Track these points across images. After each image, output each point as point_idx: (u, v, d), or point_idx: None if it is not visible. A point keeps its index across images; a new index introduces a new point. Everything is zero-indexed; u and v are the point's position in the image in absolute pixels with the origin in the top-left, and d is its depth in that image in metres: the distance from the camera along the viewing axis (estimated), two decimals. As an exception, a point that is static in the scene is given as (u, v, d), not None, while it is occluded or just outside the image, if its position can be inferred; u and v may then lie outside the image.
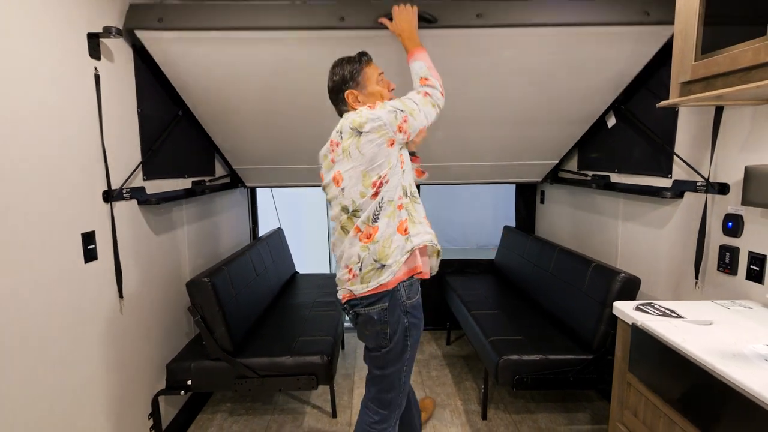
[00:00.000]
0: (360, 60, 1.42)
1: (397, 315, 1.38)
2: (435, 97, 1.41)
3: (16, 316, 1.18)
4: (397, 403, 1.49)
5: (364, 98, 1.41)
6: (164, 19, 1.61)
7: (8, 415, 1.14)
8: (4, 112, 1.14)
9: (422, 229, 1.40)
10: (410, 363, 1.48)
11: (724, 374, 1.01)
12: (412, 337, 1.44)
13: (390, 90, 1.47)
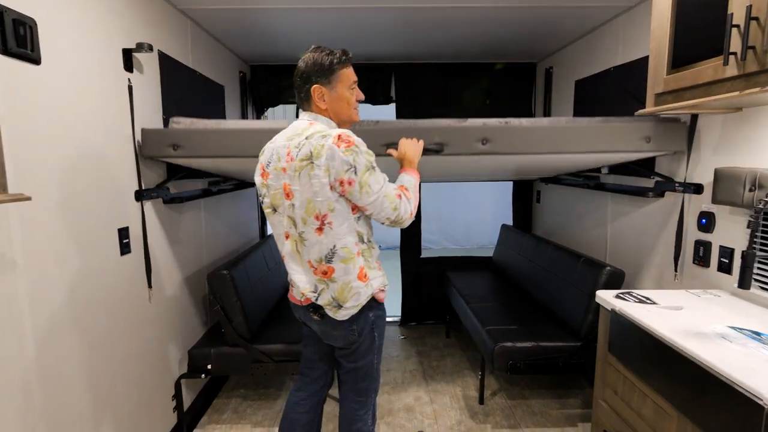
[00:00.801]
0: (341, 58, 1.32)
1: (363, 313, 1.37)
2: (403, 205, 1.32)
3: (68, 300, 1.34)
4: (374, 388, 1.52)
5: (330, 99, 1.32)
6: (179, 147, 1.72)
7: (62, 386, 1.30)
8: (57, 121, 1.30)
9: (377, 273, 1.39)
10: (380, 351, 1.51)
11: (684, 349, 1.16)
12: (379, 329, 1.45)
13: (357, 101, 1.39)
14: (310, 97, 1.32)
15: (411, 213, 1.36)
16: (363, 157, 1.24)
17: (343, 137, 1.23)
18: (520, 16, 2.32)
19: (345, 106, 1.35)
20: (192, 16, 2.22)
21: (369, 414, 1.53)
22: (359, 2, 2.10)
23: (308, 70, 1.30)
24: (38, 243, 1.22)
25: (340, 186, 1.23)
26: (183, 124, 1.74)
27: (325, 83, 1.31)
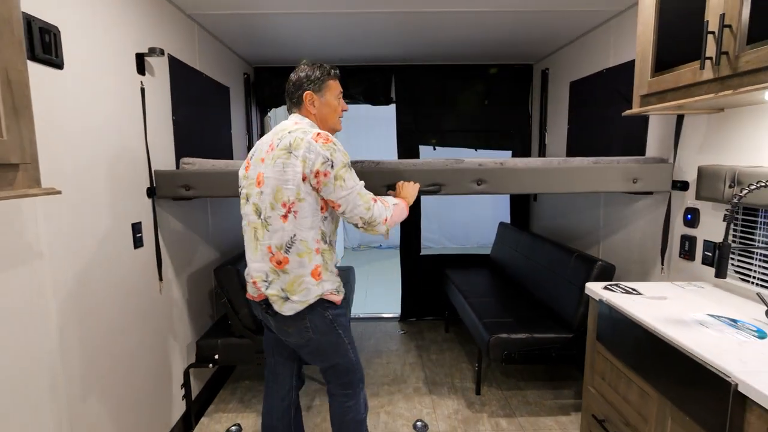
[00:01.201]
0: (329, 72, 1.47)
1: (317, 312, 1.39)
2: (377, 208, 1.38)
3: (87, 289, 1.43)
4: (357, 378, 1.56)
5: (320, 104, 1.45)
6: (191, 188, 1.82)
7: (80, 369, 1.39)
8: (78, 121, 1.39)
9: (332, 276, 1.42)
10: (353, 344, 1.53)
11: (664, 334, 1.25)
12: (342, 326, 1.46)
13: (342, 110, 1.53)
14: (302, 102, 1.44)
15: (386, 219, 1.41)
16: (340, 154, 1.32)
17: (322, 135, 1.33)
18: (516, 20, 2.40)
19: (332, 113, 1.49)
20: (199, 20, 2.31)
21: (359, 403, 1.58)
22: (359, 7, 2.19)
23: (302, 79, 1.44)
24: (61, 235, 1.31)
25: (315, 177, 1.29)
26: (194, 165, 1.85)
27: (316, 90, 1.44)
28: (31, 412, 1.19)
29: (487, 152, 3.53)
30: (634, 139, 2.16)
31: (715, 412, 1.04)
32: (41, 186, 0.95)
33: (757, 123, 1.50)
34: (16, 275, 1.14)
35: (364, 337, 3.28)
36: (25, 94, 0.90)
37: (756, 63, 1.10)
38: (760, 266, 1.52)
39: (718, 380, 1.03)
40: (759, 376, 0.98)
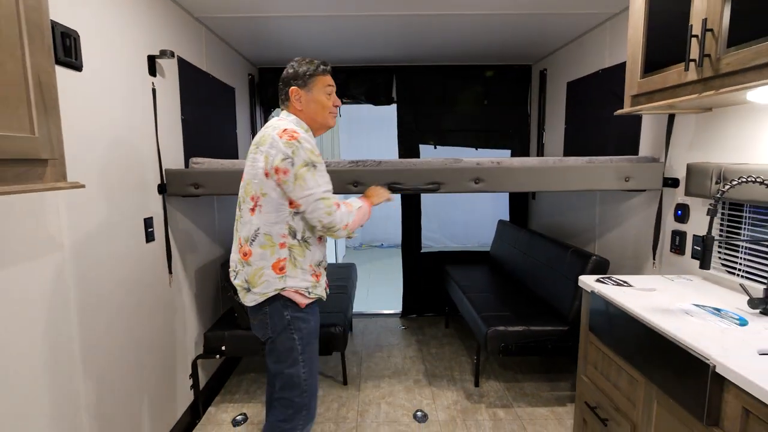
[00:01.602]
0: (318, 67, 1.43)
1: (276, 307, 1.37)
2: (339, 214, 1.35)
3: (103, 280, 1.50)
4: (303, 404, 1.42)
5: (306, 101, 1.42)
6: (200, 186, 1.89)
7: (95, 356, 1.47)
8: (95, 121, 1.46)
9: (302, 275, 1.37)
10: (309, 364, 1.42)
11: (650, 322, 1.31)
12: (300, 332, 1.39)
13: (334, 106, 1.48)
14: (289, 98, 1.43)
15: (347, 225, 1.37)
16: (303, 152, 1.29)
17: (288, 131, 1.31)
18: (515, 22, 2.47)
19: (320, 109, 1.44)
20: (206, 23, 2.39)
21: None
22: (361, 10, 2.26)
23: (289, 76, 1.43)
24: (80, 227, 1.39)
25: (276, 174, 1.30)
26: (203, 164, 1.93)
27: (301, 86, 1.42)
28: (51, 394, 1.26)
29: (486, 151, 3.60)
30: (628, 138, 2.23)
31: (696, 393, 1.11)
32: (67, 180, 1.02)
33: (742, 122, 1.57)
34: (40, 265, 1.22)
35: (366, 332, 3.35)
36: (54, 95, 0.97)
37: (736, 65, 1.16)
38: (745, 259, 1.59)
39: (698, 363, 1.10)
40: (736, 359, 1.05)
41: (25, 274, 1.17)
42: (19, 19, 0.87)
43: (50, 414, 1.25)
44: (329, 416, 2.24)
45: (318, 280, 1.43)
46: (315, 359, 1.46)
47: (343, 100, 3.53)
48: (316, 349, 1.48)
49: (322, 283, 1.47)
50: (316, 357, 1.46)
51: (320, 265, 1.45)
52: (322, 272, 1.47)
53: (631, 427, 1.41)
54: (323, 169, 1.36)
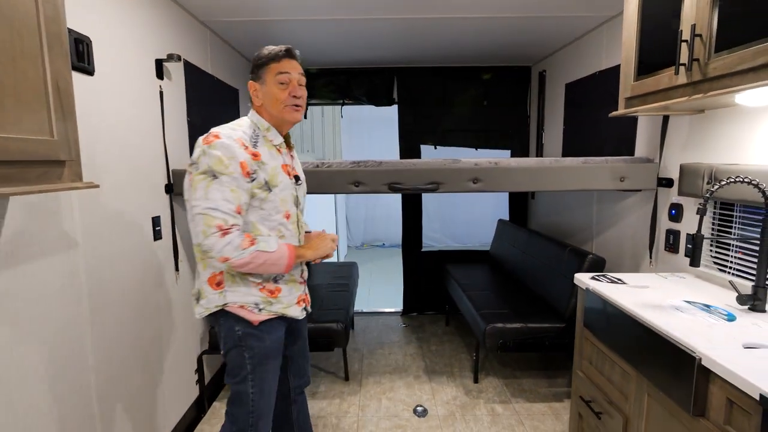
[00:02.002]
0: (267, 54, 1.27)
1: (229, 321, 1.28)
2: (219, 243, 1.14)
3: (114, 276, 1.56)
4: (248, 424, 1.31)
5: (263, 95, 1.28)
6: None
7: (106, 350, 1.52)
8: (106, 123, 1.52)
9: (246, 289, 1.26)
10: (260, 383, 1.30)
11: (641, 317, 1.36)
12: (251, 350, 1.28)
13: (293, 96, 1.27)
14: (251, 94, 1.31)
15: (227, 259, 1.15)
16: (208, 159, 1.15)
17: (213, 133, 1.20)
18: (514, 25, 2.51)
19: (273, 102, 1.26)
20: (211, 26, 2.44)
21: None
22: (363, 14, 2.31)
23: (250, 70, 1.31)
24: (93, 225, 1.44)
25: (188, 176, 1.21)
26: None
27: (256, 79, 1.28)
28: (64, 386, 1.32)
29: (486, 152, 3.65)
30: (625, 139, 2.27)
31: (684, 385, 1.15)
32: (83, 180, 1.08)
33: (732, 124, 1.61)
34: (56, 261, 1.28)
35: (367, 330, 3.41)
36: (71, 99, 1.03)
37: (722, 69, 1.21)
38: (736, 257, 1.63)
39: (685, 356, 1.15)
40: (721, 352, 1.09)
41: (42, 270, 1.22)
42: (39, 29, 0.92)
43: (64, 405, 1.30)
44: (331, 410, 2.29)
45: (274, 295, 1.29)
46: (269, 380, 1.33)
47: (345, 101, 3.58)
48: (272, 370, 1.34)
49: (285, 299, 1.32)
50: (270, 378, 1.33)
51: (277, 280, 1.30)
52: (287, 288, 1.32)
53: (623, 419, 1.45)
54: (230, 183, 1.15)
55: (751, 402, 0.96)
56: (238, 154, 1.17)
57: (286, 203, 1.30)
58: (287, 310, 1.33)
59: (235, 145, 1.19)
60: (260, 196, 1.23)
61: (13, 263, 1.12)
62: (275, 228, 1.28)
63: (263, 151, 1.26)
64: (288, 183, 1.31)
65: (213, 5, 2.14)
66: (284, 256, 1.23)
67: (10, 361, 1.11)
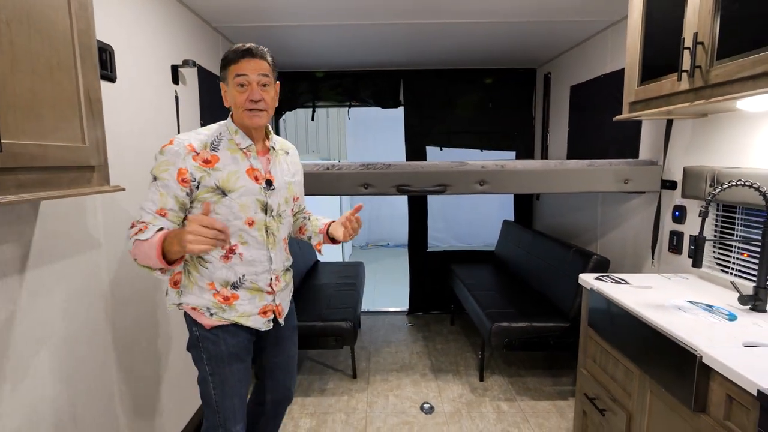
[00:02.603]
0: (227, 55, 1.20)
1: (189, 321, 1.32)
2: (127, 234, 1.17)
3: (133, 276, 1.62)
4: (217, 423, 1.32)
5: (229, 97, 1.24)
6: None
7: (125, 347, 1.58)
8: (126, 128, 1.57)
9: (199, 292, 1.26)
10: (221, 384, 1.30)
11: (644, 317, 1.40)
12: (207, 352, 1.28)
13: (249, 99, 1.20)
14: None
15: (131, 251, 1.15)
16: (154, 162, 1.19)
17: (168, 140, 1.20)
18: (519, 28, 2.55)
19: (234, 106, 1.23)
20: (223, 32, 2.50)
21: None
22: (371, 19, 2.36)
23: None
24: (114, 226, 1.50)
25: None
26: None
27: (222, 80, 1.25)
28: (89, 381, 1.38)
29: (491, 153, 3.69)
30: (629, 142, 2.31)
31: (685, 382, 1.19)
32: (110, 184, 1.13)
33: (735, 128, 1.65)
34: (80, 261, 1.33)
35: (374, 329, 3.46)
36: (100, 107, 1.08)
37: (723, 76, 1.25)
38: (738, 258, 1.67)
39: (686, 354, 1.19)
40: (721, 350, 1.13)
41: (68, 269, 1.28)
42: (73, 42, 0.98)
43: (87, 400, 1.36)
44: (339, 407, 2.34)
45: (228, 302, 1.26)
46: (232, 383, 1.31)
47: (352, 103, 3.63)
48: (234, 373, 1.31)
49: (241, 308, 1.28)
50: (233, 381, 1.31)
51: (236, 287, 1.26)
52: (246, 296, 1.28)
53: (627, 416, 1.50)
54: (161, 187, 1.17)
55: (750, 398, 1.00)
56: (178, 162, 1.17)
57: (246, 209, 1.24)
58: (243, 319, 1.28)
59: (182, 152, 1.17)
60: (211, 199, 1.20)
61: (42, 263, 1.18)
62: (235, 233, 1.24)
63: (223, 155, 1.23)
64: (251, 188, 1.25)
65: (225, 12, 2.19)
66: (153, 246, 1.09)
67: (38, 356, 1.17)
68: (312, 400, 2.41)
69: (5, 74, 0.81)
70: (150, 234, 1.12)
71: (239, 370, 1.32)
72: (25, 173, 0.87)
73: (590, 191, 2.07)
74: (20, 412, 1.11)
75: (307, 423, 2.21)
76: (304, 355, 2.95)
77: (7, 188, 0.83)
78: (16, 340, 1.10)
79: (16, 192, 0.85)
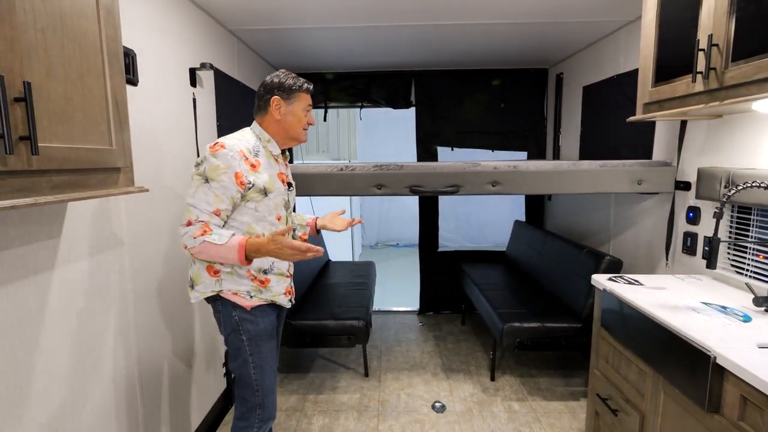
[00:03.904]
0: (302, 85, 1.45)
1: (227, 308, 1.41)
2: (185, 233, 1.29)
3: (155, 274, 1.67)
4: (256, 403, 1.44)
5: (285, 112, 1.43)
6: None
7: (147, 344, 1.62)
8: (148, 130, 1.62)
9: (239, 279, 1.39)
10: (260, 362, 1.43)
11: (658, 318, 1.40)
12: (247, 333, 1.41)
13: (309, 123, 1.48)
14: (268, 106, 1.43)
15: (185, 246, 1.30)
16: (207, 165, 1.29)
17: (219, 143, 1.32)
18: (530, 29, 2.56)
19: (296, 123, 1.45)
20: (238, 35, 2.54)
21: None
22: (383, 21, 2.38)
23: (273, 84, 1.43)
24: (137, 226, 1.55)
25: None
26: None
27: (284, 97, 1.43)
28: (113, 374, 1.42)
29: (503, 153, 3.69)
30: (643, 142, 2.30)
31: (699, 383, 1.20)
32: (135, 185, 1.17)
33: (750, 129, 1.64)
34: (105, 260, 1.38)
35: (385, 328, 3.48)
36: (125, 111, 1.12)
37: (739, 78, 1.25)
38: (753, 259, 1.66)
39: (700, 355, 1.19)
40: (735, 351, 1.14)
41: (94, 267, 1.33)
42: (102, 48, 1.02)
43: (113, 393, 1.41)
44: (351, 405, 2.37)
45: (263, 285, 1.43)
46: (268, 359, 1.46)
47: (364, 103, 3.66)
48: (270, 350, 1.47)
49: (274, 289, 1.46)
50: (270, 357, 1.46)
51: (267, 272, 1.44)
52: (275, 279, 1.46)
53: (640, 416, 1.50)
54: (217, 189, 1.29)
55: (764, 399, 1.00)
56: (235, 165, 1.31)
57: (278, 207, 1.45)
58: (277, 297, 1.48)
59: (237, 156, 1.33)
60: (256, 199, 1.38)
61: (69, 261, 1.23)
62: (267, 228, 1.43)
63: (263, 161, 1.41)
64: (282, 189, 1.46)
65: (241, 15, 2.23)
66: (233, 251, 1.28)
67: (65, 351, 1.22)
68: (324, 398, 2.44)
69: (41, 81, 0.85)
70: (224, 239, 1.28)
71: (273, 347, 1.49)
72: (57, 175, 0.91)
73: (604, 192, 2.07)
74: (48, 407, 1.15)
75: (320, 420, 2.25)
76: (315, 353, 2.99)
77: (42, 189, 0.87)
78: (46, 334, 1.14)
79: (50, 193, 0.89)
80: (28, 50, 0.81)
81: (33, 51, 0.83)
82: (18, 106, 0.78)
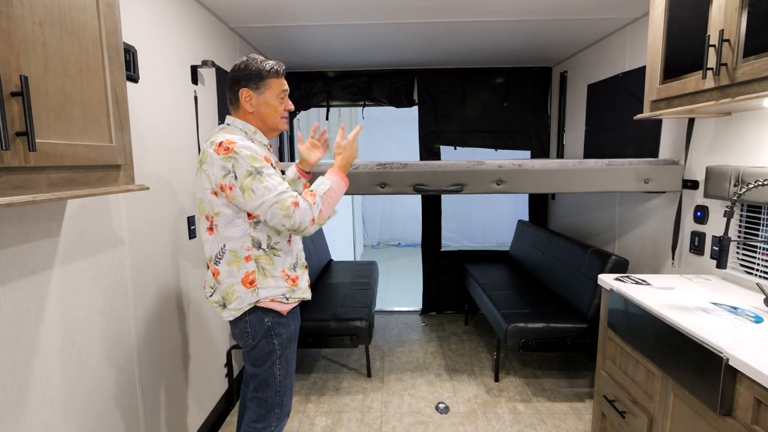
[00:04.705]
0: (271, 69, 1.33)
1: (257, 316, 1.35)
2: (299, 213, 1.25)
3: (156, 272, 1.65)
4: (276, 402, 1.42)
5: (257, 103, 1.34)
6: None
7: (147, 343, 1.60)
8: (149, 127, 1.60)
9: (275, 283, 1.35)
10: (285, 364, 1.42)
11: (667, 318, 1.38)
12: (279, 337, 1.38)
13: (286, 110, 1.40)
14: (238, 100, 1.35)
15: (313, 220, 1.28)
16: (244, 162, 1.22)
17: (225, 144, 1.23)
18: (534, 26, 2.53)
19: (271, 113, 1.37)
20: (240, 32, 2.52)
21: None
22: (385, 19, 2.36)
23: (239, 74, 1.33)
24: (137, 225, 1.52)
25: (222, 191, 1.25)
26: None
27: (253, 88, 1.33)
28: (114, 374, 1.40)
29: (506, 152, 3.66)
30: (649, 141, 2.27)
31: (710, 385, 1.17)
32: (135, 183, 1.15)
33: (760, 126, 1.61)
34: (105, 258, 1.36)
35: (387, 328, 3.46)
36: (126, 108, 1.10)
37: (750, 74, 1.22)
38: (763, 259, 1.63)
39: (712, 356, 1.17)
40: (748, 352, 1.11)
41: (94, 266, 1.31)
42: (101, 43, 1.00)
43: (113, 393, 1.39)
44: (354, 406, 2.35)
45: (295, 283, 1.39)
46: (292, 360, 1.45)
47: (366, 102, 3.64)
48: (294, 351, 1.47)
49: (302, 284, 1.43)
50: (293, 359, 1.46)
51: (295, 268, 1.41)
52: (300, 273, 1.43)
53: (648, 418, 1.47)
54: (270, 171, 1.26)
55: (780, 401, 0.98)
56: (259, 152, 1.29)
57: None
58: (305, 294, 1.45)
59: (253, 145, 1.30)
60: None
61: (68, 260, 1.21)
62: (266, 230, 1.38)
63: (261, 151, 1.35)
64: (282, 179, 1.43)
65: (243, 12, 2.21)
66: (335, 181, 1.38)
67: (64, 351, 1.20)
68: (327, 399, 2.42)
69: (39, 75, 0.83)
70: (325, 184, 1.36)
71: (295, 350, 1.48)
72: (55, 172, 0.89)
73: (610, 191, 2.04)
74: (48, 406, 1.13)
75: (323, 421, 2.22)
76: (318, 353, 2.97)
77: (40, 187, 0.85)
78: (45, 334, 1.13)
79: (48, 191, 0.87)
80: (26, 44, 0.79)
81: (30, 44, 0.81)
82: (15, 100, 0.76)
